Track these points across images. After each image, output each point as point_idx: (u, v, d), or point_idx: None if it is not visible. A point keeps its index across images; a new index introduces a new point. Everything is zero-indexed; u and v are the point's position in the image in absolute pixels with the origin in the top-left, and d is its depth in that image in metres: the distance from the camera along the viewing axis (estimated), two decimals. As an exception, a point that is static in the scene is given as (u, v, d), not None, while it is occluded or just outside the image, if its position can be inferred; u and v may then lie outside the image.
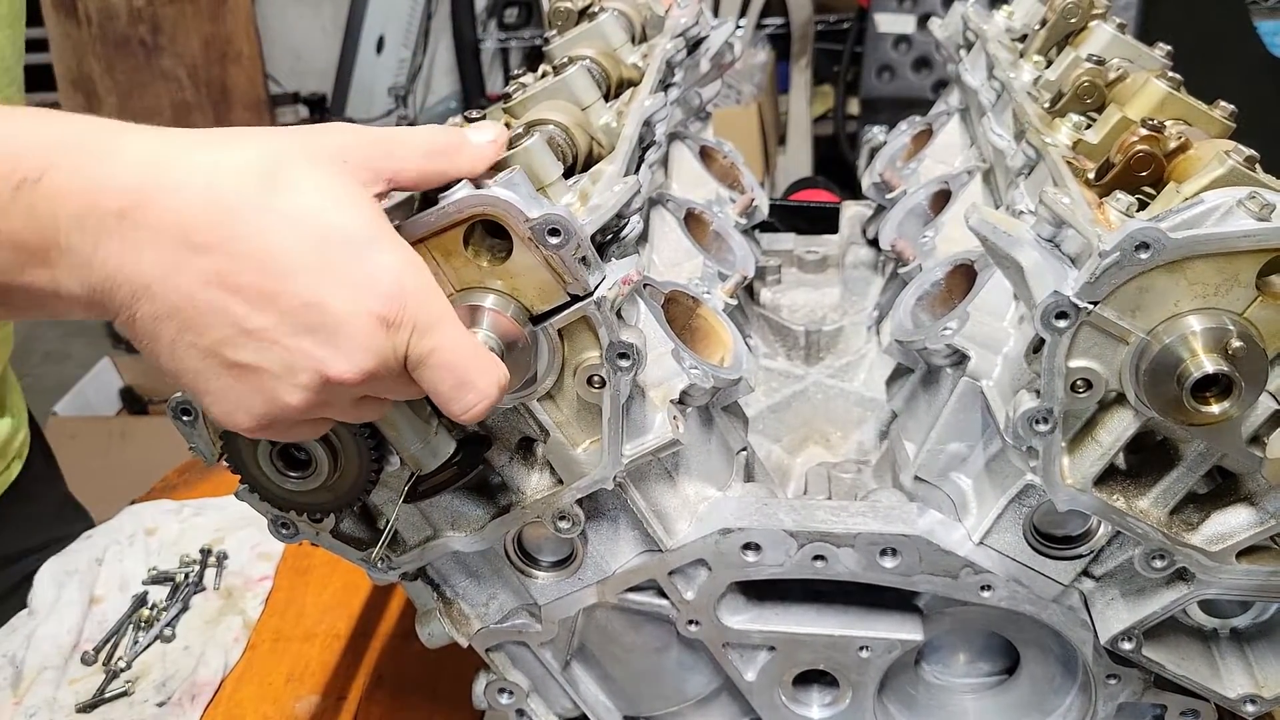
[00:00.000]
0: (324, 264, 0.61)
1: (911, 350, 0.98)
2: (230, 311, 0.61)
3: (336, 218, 0.62)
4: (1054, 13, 1.16)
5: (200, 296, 0.60)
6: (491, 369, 0.68)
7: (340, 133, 0.67)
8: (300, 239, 0.61)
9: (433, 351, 0.65)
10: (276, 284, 0.61)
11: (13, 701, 1.22)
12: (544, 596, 0.92)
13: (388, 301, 0.63)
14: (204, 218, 0.60)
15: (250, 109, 4.15)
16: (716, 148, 1.39)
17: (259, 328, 0.61)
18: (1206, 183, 0.73)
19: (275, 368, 0.63)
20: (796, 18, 4.31)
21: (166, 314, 0.61)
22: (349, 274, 0.62)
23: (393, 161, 0.67)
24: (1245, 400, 0.69)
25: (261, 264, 0.60)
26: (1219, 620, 0.88)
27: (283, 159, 0.63)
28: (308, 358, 0.62)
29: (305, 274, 0.61)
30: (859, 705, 0.97)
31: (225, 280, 0.60)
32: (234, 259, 0.60)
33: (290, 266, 0.61)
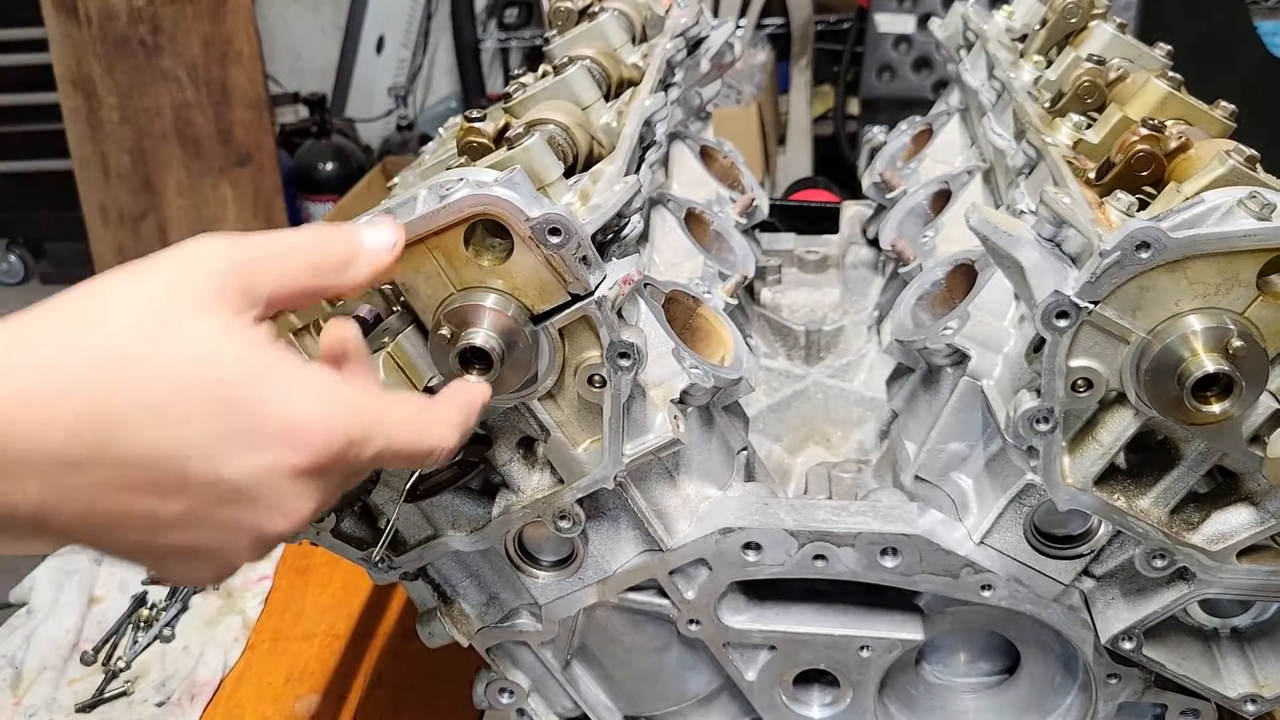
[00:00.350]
0: (218, 434, 0.56)
1: (912, 350, 0.98)
2: (137, 513, 0.56)
3: (218, 376, 0.56)
4: (1054, 13, 1.16)
5: (100, 509, 0.55)
6: (442, 422, 0.65)
7: (209, 257, 0.59)
8: (183, 417, 0.55)
9: (379, 454, 0.61)
10: (173, 474, 0.55)
11: (12, 702, 1.22)
12: (544, 596, 0.92)
13: (301, 450, 0.58)
14: (68, 431, 0.53)
15: (250, 109, 4.14)
16: (717, 148, 1.39)
17: (176, 514, 0.56)
18: (1207, 182, 0.73)
19: (211, 542, 0.58)
20: (796, 18, 4.31)
21: (79, 529, 0.56)
22: (249, 436, 0.56)
23: (274, 279, 0.60)
24: (1246, 400, 0.69)
25: (148, 460, 0.55)
26: (1219, 620, 0.88)
27: (142, 324, 0.56)
28: (240, 526, 0.58)
29: (200, 456, 0.55)
30: (859, 705, 0.97)
31: (117, 488, 0.55)
32: (117, 466, 0.54)
33: (180, 452, 0.55)
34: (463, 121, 0.88)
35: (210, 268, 0.59)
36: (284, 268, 0.61)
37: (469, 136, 0.87)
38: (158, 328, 0.56)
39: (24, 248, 4.92)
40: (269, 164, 4.20)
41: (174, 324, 0.56)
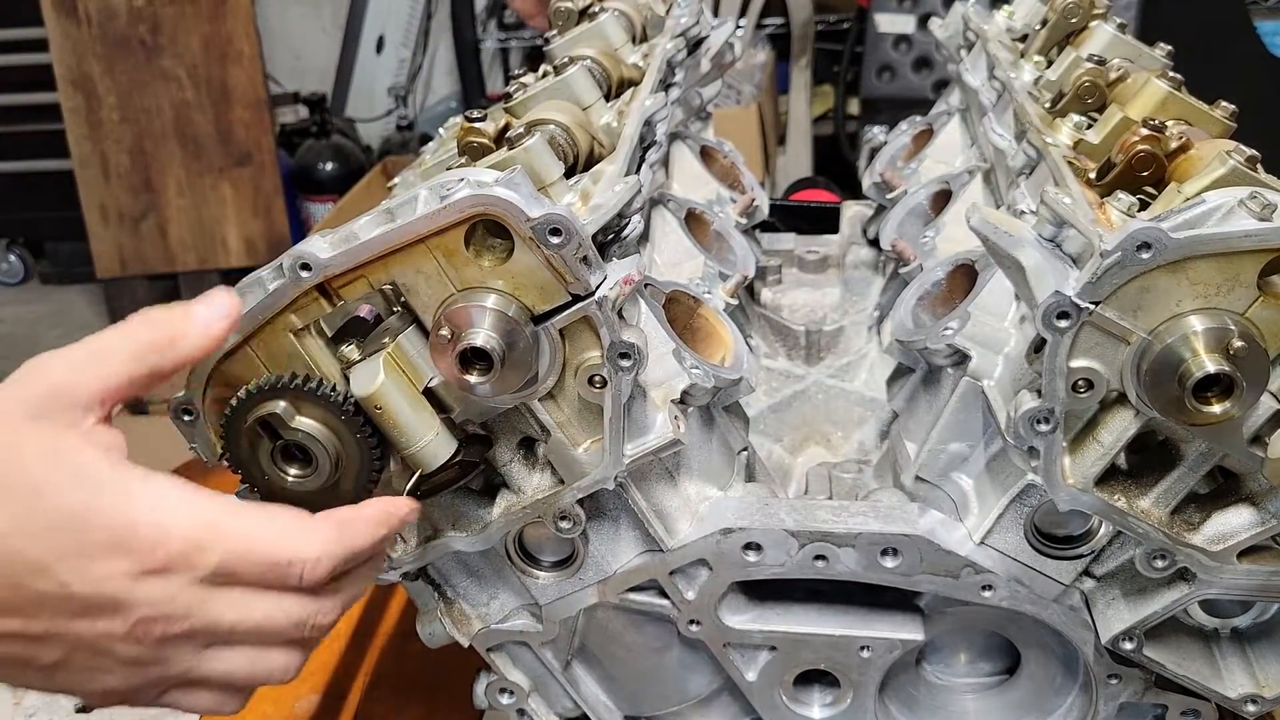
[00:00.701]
0: (57, 551, 0.58)
1: (912, 350, 0.98)
2: (9, 634, 0.59)
3: (53, 497, 0.58)
4: (1055, 13, 1.16)
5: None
6: (308, 532, 0.64)
7: (33, 379, 0.62)
8: (23, 540, 0.58)
9: (225, 561, 0.61)
10: (26, 593, 0.58)
11: (13, 702, 1.22)
12: (545, 596, 0.92)
13: (134, 554, 0.59)
14: None
15: (250, 109, 4.14)
16: (717, 148, 1.39)
17: (42, 632, 0.59)
18: (1208, 183, 0.73)
19: (89, 660, 0.61)
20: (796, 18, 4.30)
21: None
22: (85, 547, 0.58)
23: (99, 382, 0.63)
24: (1246, 400, 0.69)
25: (8, 579, 0.58)
26: (1220, 620, 0.88)
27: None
28: (83, 631, 0.60)
29: (43, 573, 0.58)
30: (860, 705, 0.97)
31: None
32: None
33: (27, 573, 0.58)
34: (463, 122, 0.88)
35: (34, 392, 0.61)
36: (108, 367, 0.63)
37: (469, 137, 0.87)
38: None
39: (24, 248, 4.93)
40: (269, 164, 4.20)
41: (8, 463, 0.58)
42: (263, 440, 0.76)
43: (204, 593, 0.61)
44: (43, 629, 0.59)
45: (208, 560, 0.61)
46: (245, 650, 0.65)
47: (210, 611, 0.62)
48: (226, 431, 0.77)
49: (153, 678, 0.64)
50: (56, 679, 0.62)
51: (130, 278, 4.25)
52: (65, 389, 0.62)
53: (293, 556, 0.63)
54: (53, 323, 4.62)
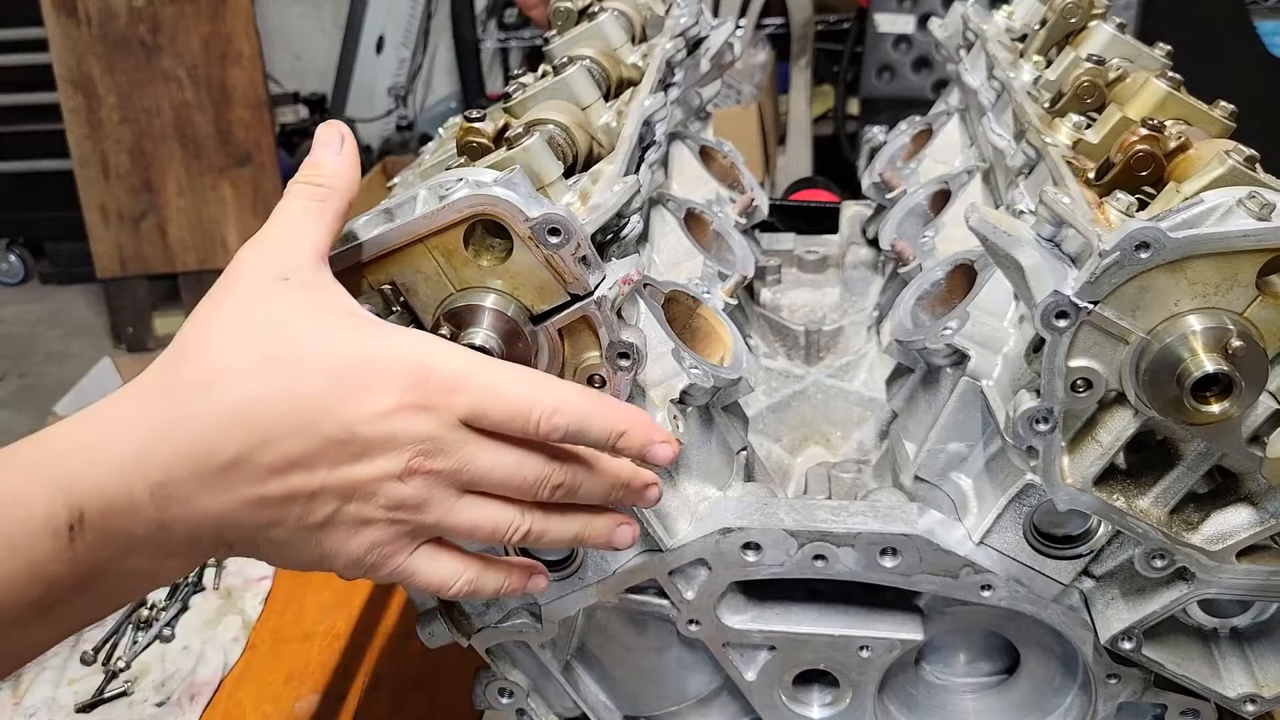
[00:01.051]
0: (344, 389, 0.63)
1: (911, 350, 0.98)
2: (292, 492, 0.63)
3: (325, 341, 0.64)
4: (1054, 13, 1.16)
5: (265, 497, 0.63)
6: (560, 391, 0.67)
7: (259, 252, 0.67)
8: (311, 382, 0.62)
9: (479, 401, 0.65)
10: (316, 436, 0.62)
11: (12, 702, 1.22)
12: (544, 596, 0.92)
13: (405, 388, 0.63)
14: (214, 443, 0.61)
15: (250, 109, 4.15)
16: (716, 147, 1.39)
17: (319, 485, 0.63)
18: (1207, 182, 0.73)
19: (350, 510, 0.65)
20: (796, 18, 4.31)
21: (252, 530, 0.64)
22: (364, 386, 0.63)
23: (310, 240, 0.67)
24: (1245, 400, 0.69)
25: (288, 436, 0.62)
26: (1219, 620, 0.88)
27: (232, 346, 0.63)
28: (360, 475, 0.64)
29: (333, 412, 0.62)
30: (859, 705, 0.97)
31: (268, 475, 0.62)
32: (264, 456, 0.62)
33: (320, 411, 0.62)
34: (462, 121, 0.88)
35: (264, 263, 0.66)
36: (305, 233, 0.68)
37: (468, 136, 0.87)
38: (257, 332, 0.63)
39: (24, 248, 4.93)
40: (269, 164, 4.21)
41: (273, 316, 0.64)
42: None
43: (462, 432, 0.65)
44: (321, 481, 0.63)
45: (463, 401, 0.64)
46: (493, 503, 0.68)
47: (469, 450, 0.65)
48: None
49: (410, 527, 0.67)
50: (320, 542, 0.65)
51: (130, 278, 4.26)
52: (292, 253, 0.66)
53: (533, 402, 0.65)
54: (53, 323, 4.62)
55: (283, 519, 0.64)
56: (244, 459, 0.61)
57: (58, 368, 4.19)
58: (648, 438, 0.69)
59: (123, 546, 0.60)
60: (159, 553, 0.62)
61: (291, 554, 0.66)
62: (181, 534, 0.62)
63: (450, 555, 0.71)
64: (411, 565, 0.69)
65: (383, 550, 0.67)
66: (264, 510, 0.63)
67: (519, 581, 0.75)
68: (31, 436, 0.61)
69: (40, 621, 0.59)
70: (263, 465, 0.62)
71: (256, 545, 0.65)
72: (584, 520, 0.73)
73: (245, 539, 0.64)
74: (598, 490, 0.71)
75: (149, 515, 0.60)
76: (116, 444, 0.60)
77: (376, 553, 0.67)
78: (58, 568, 0.58)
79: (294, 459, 0.62)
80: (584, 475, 0.70)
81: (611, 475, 0.71)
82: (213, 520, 0.62)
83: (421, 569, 0.69)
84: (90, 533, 0.58)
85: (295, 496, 0.63)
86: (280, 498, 0.63)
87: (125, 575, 0.62)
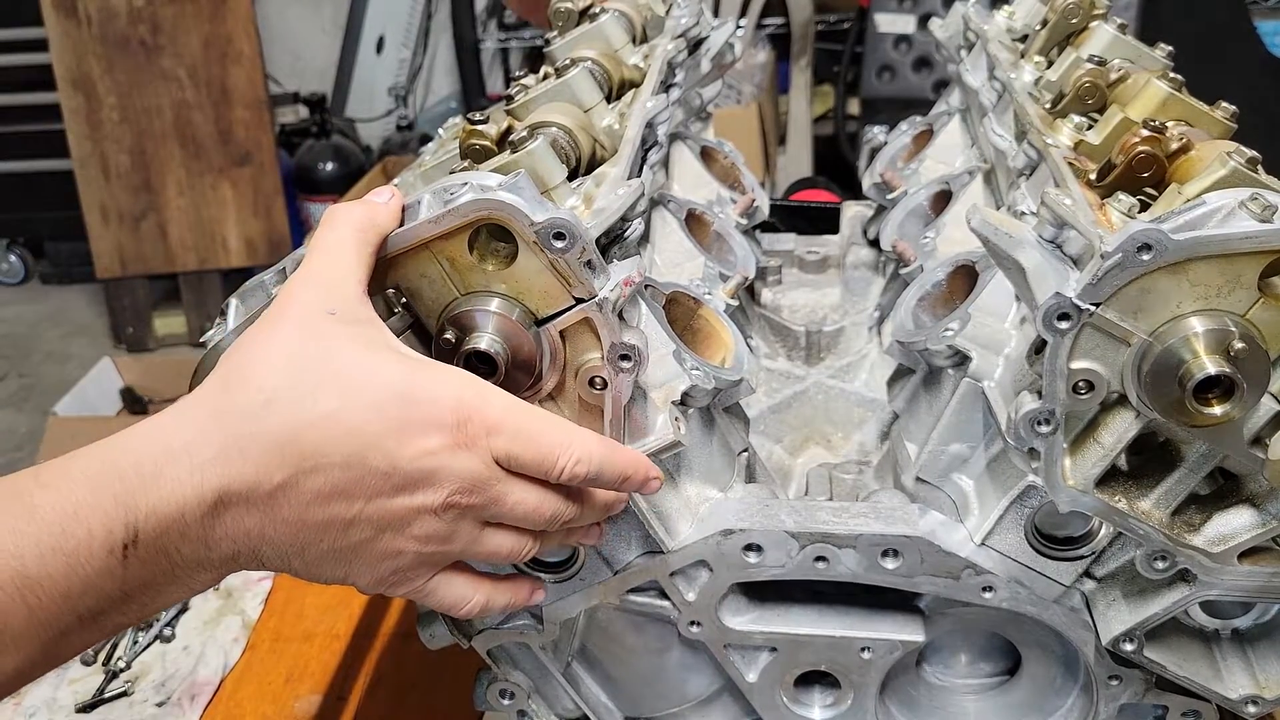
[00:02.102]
0: (389, 422, 0.65)
1: (913, 351, 0.98)
2: (332, 518, 0.66)
3: (373, 375, 0.66)
4: (1055, 13, 1.16)
5: (307, 522, 0.66)
6: (582, 446, 0.71)
7: (305, 287, 0.69)
8: (359, 414, 0.65)
9: (510, 447, 0.69)
10: (355, 472, 0.65)
11: (13, 702, 1.22)
12: (545, 598, 0.92)
13: (451, 426, 0.66)
14: (264, 467, 0.64)
15: (250, 109, 4.15)
16: (717, 148, 1.39)
17: (358, 513, 0.66)
18: (1208, 184, 0.73)
19: (385, 539, 0.68)
20: (796, 18, 4.31)
21: (288, 551, 0.67)
22: (410, 420, 0.66)
23: (353, 275, 0.70)
24: (1247, 402, 0.69)
25: (333, 466, 0.65)
26: (1220, 621, 0.88)
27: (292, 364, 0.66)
28: (398, 508, 0.67)
29: (378, 444, 0.65)
30: (860, 706, 0.97)
31: (312, 501, 0.65)
32: (310, 481, 0.65)
33: (365, 444, 0.65)
34: (465, 124, 0.88)
35: (311, 298, 0.69)
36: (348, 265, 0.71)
37: (472, 139, 0.87)
38: (309, 363, 0.66)
39: (24, 248, 4.93)
40: (269, 164, 4.21)
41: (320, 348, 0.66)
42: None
43: (497, 471, 0.69)
44: (360, 510, 0.66)
45: (501, 443, 0.68)
46: (510, 533, 0.73)
47: (501, 489, 0.69)
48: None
49: (435, 557, 0.71)
50: (348, 564, 0.69)
51: (130, 278, 4.26)
52: (339, 289, 0.69)
53: (561, 451, 0.70)
54: (53, 323, 4.62)
55: (318, 541, 0.67)
56: (291, 484, 0.64)
57: (58, 368, 4.19)
58: (646, 477, 0.76)
59: (171, 563, 0.63)
60: (199, 567, 0.65)
61: (318, 571, 0.69)
62: (223, 552, 0.65)
63: (465, 579, 0.76)
64: (429, 587, 0.73)
65: (406, 574, 0.71)
66: (302, 532, 0.66)
67: (524, 597, 0.82)
68: (89, 449, 0.63)
69: (82, 630, 0.62)
70: (308, 490, 0.65)
71: (288, 561, 0.68)
72: (573, 536, 0.81)
73: (278, 556, 0.67)
74: (591, 518, 0.78)
75: (197, 534, 0.63)
76: (174, 464, 0.62)
77: (400, 576, 0.71)
78: (109, 584, 0.61)
79: (338, 487, 0.65)
80: (587, 509, 0.76)
81: (604, 505, 0.78)
82: (254, 539, 0.65)
83: (438, 591, 0.74)
84: (143, 550, 0.61)
85: (334, 522, 0.66)
86: (321, 523, 0.66)
87: (167, 587, 0.64)
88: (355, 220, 0.72)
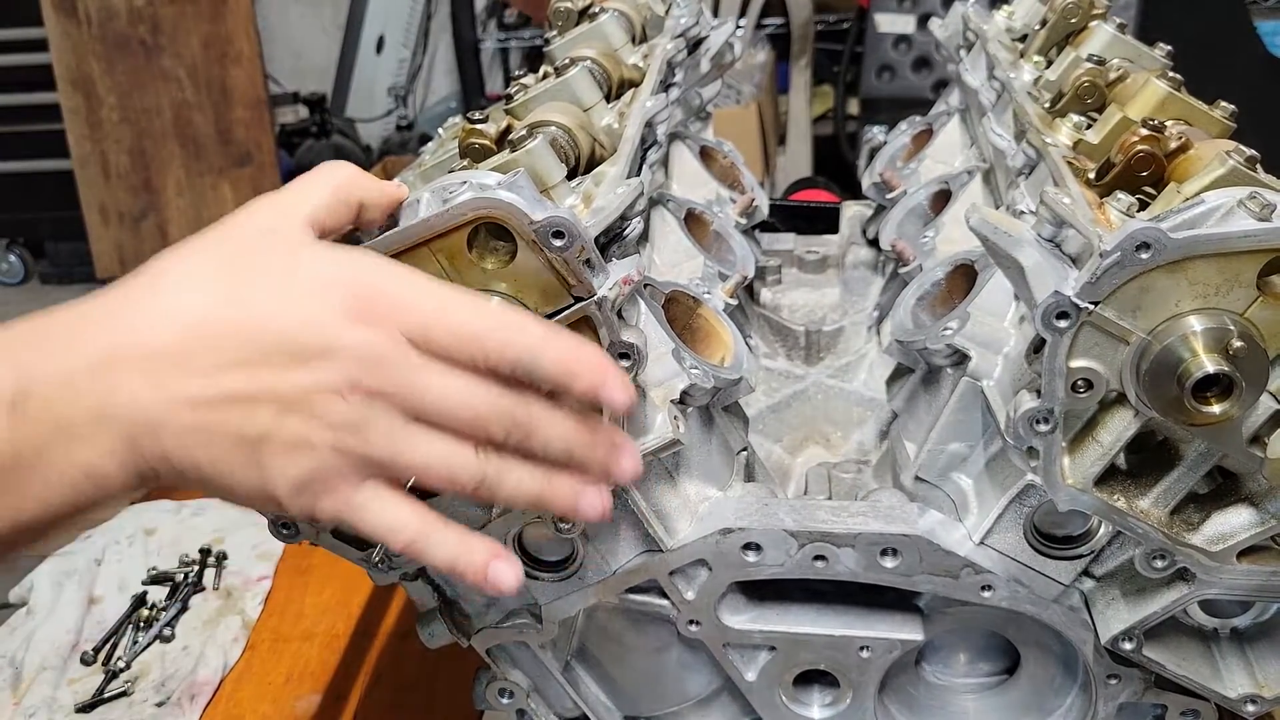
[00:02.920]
0: (280, 292, 0.63)
1: (912, 350, 0.98)
2: (228, 395, 0.62)
3: (269, 255, 0.65)
4: (1054, 13, 1.16)
5: (207, 396, 0.62)
6: (512, 323, 0.65)
7: (254, 208, 0.69)
8: (251, 291, 0.64)
9: (427, 318, 0.63)
10: (254, 339, 0.62)
11: (12, 702, 1.22)
12: (545, 597, 0.92)
13: (348, 298, 0.63)
14: (149, 333, 0.63)
15: (250, 109, 4.15)
16: (716, 148, 1.39)
17: (257, 390, 0.62)
18: (1207, 183, 0.73)
19: (289, 424, 0.62)
20: (796, 18, 4.31)
21: (189, 444, 0.62)
22: (301, 289, 0.63)
23: (308, 207, 0.70)
24: (1246, 400, 0.69)
25: (223, 339, 0.62)
26: (1219, 620, 0.88)
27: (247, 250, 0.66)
28: (299, 382, 0.62)
29: (273, 317, 0.63)
30: (859, 705, 0.97)
31: (208, 372, 0.62)
32: (204, 344, 0.62)
33: (254, 317, 0.63)
34: (464, 123, 0.88)
35: (251, 220, 0.69)
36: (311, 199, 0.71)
37: (471, 138, 0.87)
38: (217, 252, 0.66)
39: (24, 248, 4.93)
40: (269, 164, 4.21)
41: (234, 250, 0.66)
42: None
43: (409, 350, 0.63)
44: (258, 386, 0.62)
45: (411, 319, 0.63)
46: (445, 438, 0.64)
47: (415, 374, 0.63)
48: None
49: (354, 455, 0.63)
50: (259, 462, 0.63)
51: (130, 278, 4.25)
52: (288, 214, 0.69)
53: (484, 323, 0.64)
54: (53, 323, 4.61)
55: (220, 425, 0.62)
56: (184, 354, 0.62)
57: (57, 368, 4.18)
58: (602, 375, 0.65)
59: (64, 431, 0.61)
60: (97, 448, 0.61)
61: (232, 475, 0.64)
62: (120, 429, 0.61)
63: (403, 500, 0.66)
64: (358, 500, 0.65)
65: (327, 477, 0.63)
66: (200, 411, 0.62)
67: (480, 558, 0.66)
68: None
69: None
70: (202, 363, 0.62)
71: (197, 462, 0.63)
72: (545, 477, 0.67)
73: (183, 449, 0.62)
74: (558, 437, 0.66)
75: (90, 402, 0.61)
76: (66, 330, 0.63)
77: (320, 480, 0.63)
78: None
79: (233, 358, 0.62)
80: (543, 416, 0.66)
81: (573, 424, 0.67)
82: (150, 418, 0.61)
83: (369, 507, 0.65)
84: (33, 408, 0.60)
85: (232, 399, 0.62)
86: (217, 399, 0.62)
87: (64, 467, 0.62)
88: (338, 174, 0.72)
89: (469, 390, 0.63)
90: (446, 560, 0.66)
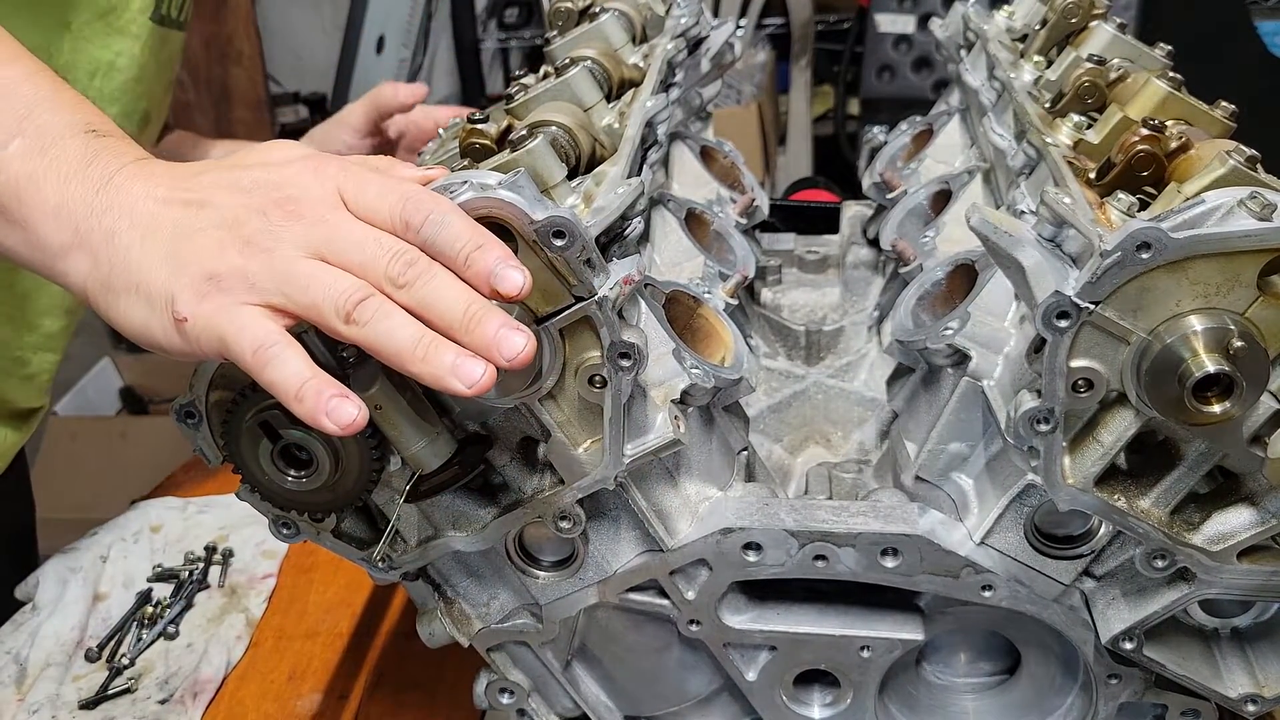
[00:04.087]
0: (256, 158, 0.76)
1: (912, 350, 0.98)
2: (181, 176, 0.74)
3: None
4: (1054, 13, 1.16)
5: (169, 175, 0.74)
6: (425, 189, 0.73)
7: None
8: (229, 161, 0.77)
9: (361, 175, 0.73)
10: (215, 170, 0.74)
11: (16, 698, 1.22)
12: (545, 596, 0.92)
13: (305, 153, 0.76)
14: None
15: (250, 109, 4.15)
16: (717, 148, 1.39)
17: (198, 198, 0.72)
18: (1208, 182, 0.73)
19: (214, 225, 0.71)
20: (796, 18, 4.30)
21: (140, 226, 0.72)
22: (278, 153, 0.76)
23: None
24: (1246, 400, 0.69)
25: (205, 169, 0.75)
26: (1220, 620, 0.88)
27: None
28: (231, 204, 0.71)
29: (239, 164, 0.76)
30: (860, 705, 0.97)
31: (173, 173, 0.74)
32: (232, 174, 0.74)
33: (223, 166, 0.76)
34: (465, 123, 0.88)
35: None
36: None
37: (472, 138, 0.87)
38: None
39: (24, 247, 4.92)
40: (269, 164, 4.20)
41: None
42: (262, 441, 0.77)
43: (337, 200, 0.71)
44: (208, 196, 0.72)
45: (350, 182, 0.72)
46: (338, 271, 0.68)
47: (333, 211, 0.71)
48: (226, 433, 0.77)
49: (255, 269, 0.68)
50: (177, 255, 0.70)
51: (131, 277, 4.25)
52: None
53: (404, 186, 0.73)
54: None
55: (164, 216, 0.71)
56: (179, 173, 0.74)
57: (58, 367, 4.18)
58: (500, 259, 0.68)
59: (55, 166, 0.74)
60: (76, 196, 0.73)
61: (153, 269, 0.70)
62: (100, 201, 0.72)
63: (272, 320, 0.68)
64: (243, 319, 0.67)
65: (226, 279, 0.68)
66: (158, 205, 0.72)
67: (326, 391, 0.67)
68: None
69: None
70: (183, 178, 0.74)
71: (128, 245, 0.71)
72: (428, 334, 0.67)
73: (128, 231, 0.71)
74: (451, 295, 0.68)
75: (78, 149, 0.75)
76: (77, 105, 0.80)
77: (217, 281, 0.68)
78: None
79: (205, 181, 0.73)
80: (441, 272, 0.68)
81: (470, 291, 0.68)
82: (123, 200, 0.72)
83: (250, 325, 0.67)
84: (30, 138, 0.75)
85: (186, 202, 0.72)
86: (174, 200, 0.72)
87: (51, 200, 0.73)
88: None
89: (376, 236, 0.69)
90: (316, 405, 0.67)
